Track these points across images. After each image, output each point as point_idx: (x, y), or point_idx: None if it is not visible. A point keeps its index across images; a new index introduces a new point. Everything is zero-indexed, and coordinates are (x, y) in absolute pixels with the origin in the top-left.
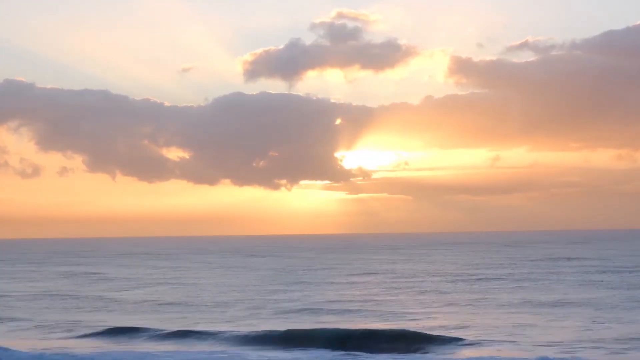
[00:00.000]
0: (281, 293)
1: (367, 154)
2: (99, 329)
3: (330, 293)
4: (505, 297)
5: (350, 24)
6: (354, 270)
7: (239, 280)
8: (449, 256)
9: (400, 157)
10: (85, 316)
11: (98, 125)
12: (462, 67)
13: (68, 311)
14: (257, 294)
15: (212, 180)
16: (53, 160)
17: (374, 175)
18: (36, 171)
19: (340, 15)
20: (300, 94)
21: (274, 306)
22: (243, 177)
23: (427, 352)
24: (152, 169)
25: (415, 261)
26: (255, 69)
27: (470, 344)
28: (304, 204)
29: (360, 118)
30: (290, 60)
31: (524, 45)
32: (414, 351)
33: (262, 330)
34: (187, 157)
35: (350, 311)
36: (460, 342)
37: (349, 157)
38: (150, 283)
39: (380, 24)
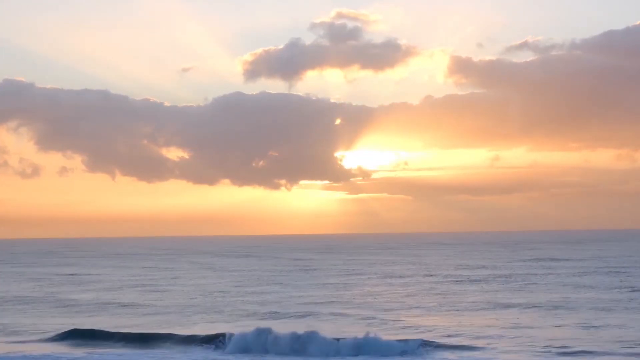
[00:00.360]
0: (257, 295)
1: (367, 154)
2: (58, 332)
3: (310, 295)
4: (502, 298)
5: (350, 24)
6: (343, 271)
7: (216, 282)
8: (449, 257)
9: (400, 157)
10: (48, 319)
11: (98, 125)
12: (462, 67)
13: (33, 314)
14: (231, 295)
15: (211, 180)
16: (53, 160)
17: (374, 175)
18: (36, 171)
19: (340, 15)
20: (300, 94)
21: (240, 308)
22: (243, 177)
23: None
24: (151, 169)
25: (411, 262)
26: (255, 69)
27: (465, 347)
28: (304, 204)
29: (360, 118)
30: (290, 60)
31: (524, 45)
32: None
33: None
34: (187, 157)
35: (327, 314)
36: (454, 345)
37: (348, 157)
38: (127, 285)
39: (380, 24)
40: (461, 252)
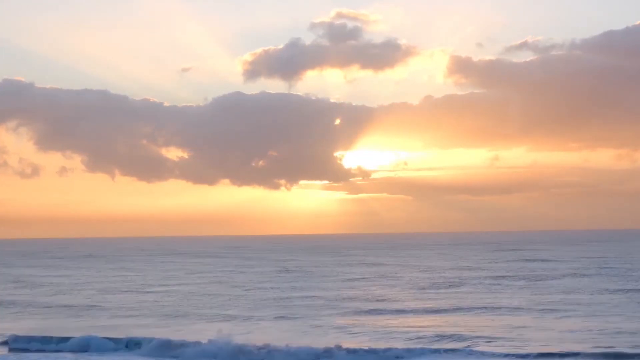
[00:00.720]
0: (211, 297)
1: (366, 154)
2: None
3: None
4: (496, 299)
5: (350, 24)
6: (318, 273)
7: (168, 284)
8: (443, 257)
9: (400, 157)
10: None
11: (97, 125)
12: (461, 66)
13: None
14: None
15: (211, 180)
16: (52, 160)
17: (374, 175)
18: (35, 171)
19: (339, 15)
20: (300, 93)
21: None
22: (242, 177)
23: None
24: (151, 169)
25: (398, 263)
26: (255, 69)
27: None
28: (304, 204)
29: (359, 118)
30: (290, 60)
31: (524, 45)
32: None
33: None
34: (187, 157)
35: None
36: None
37: (348, 157)
38: (78, 288)
39: (379, 24)
40: (456, 253)
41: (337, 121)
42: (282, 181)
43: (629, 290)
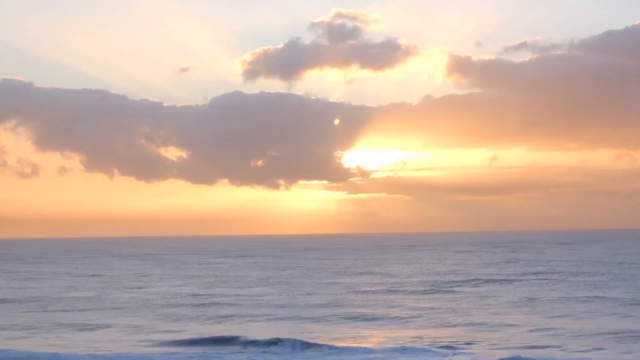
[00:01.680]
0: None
1: (366, 154)
2: None
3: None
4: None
5: (349, 24)
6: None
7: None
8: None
9: (399, 157)
10: None
11: (96, 124)
12: (460, 66)
13: None
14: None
15: (210, 180)
16: (51, 160)
17: (373, 175)
18: (34, 171)
19: (339, 15)
20: (299, 93)
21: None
22: (241, 176)
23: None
24: (150, 169)
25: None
26: (255, 69)
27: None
28: (303, 204)
29: (359, 118)
30: (290, 60)
31: (523, 45)
32: None
33: None
34: (185, 156)
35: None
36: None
37: (347, 157)
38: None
39: (379, 24)
40: (458, 254)
41: (337, 121)
42: (282, 181)
43: (590, 298)
